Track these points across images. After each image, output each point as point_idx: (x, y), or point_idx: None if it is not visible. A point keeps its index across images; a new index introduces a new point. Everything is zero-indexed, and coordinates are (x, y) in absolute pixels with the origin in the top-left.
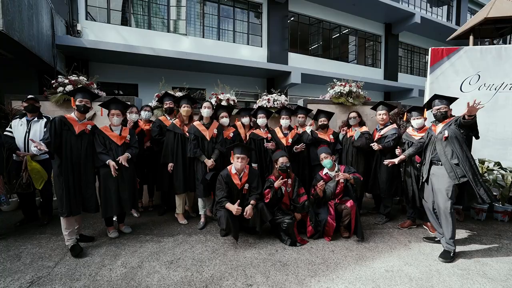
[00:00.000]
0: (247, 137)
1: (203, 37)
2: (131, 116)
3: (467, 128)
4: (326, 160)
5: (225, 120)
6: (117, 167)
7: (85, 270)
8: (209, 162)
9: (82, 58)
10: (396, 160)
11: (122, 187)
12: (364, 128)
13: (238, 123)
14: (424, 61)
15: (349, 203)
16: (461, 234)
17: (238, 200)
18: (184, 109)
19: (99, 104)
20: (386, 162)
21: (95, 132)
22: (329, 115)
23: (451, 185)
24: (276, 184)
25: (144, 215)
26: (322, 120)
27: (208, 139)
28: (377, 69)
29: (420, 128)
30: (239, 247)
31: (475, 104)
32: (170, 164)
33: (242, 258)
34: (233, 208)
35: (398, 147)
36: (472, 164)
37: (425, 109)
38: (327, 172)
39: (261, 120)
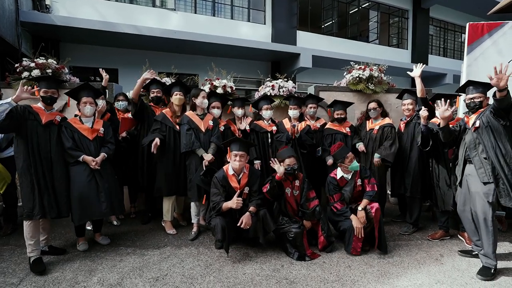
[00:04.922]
0: (240, 134)
1: (195, 12)
2: (98, 102)
3: (504, 113)
4: (354, 164)
5: (216, 111)
6: (97, 162)
7: None
8: (209, 156)
9: (51, 38)
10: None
11: (102, 183)
12: (387, 120)
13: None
14: (460, 41)
15: (373, 207)
16: (503, 246)
17: (238, 190)
18: (176, 97)
19: (65, 92)
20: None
21: (62, 125)
22: (346, 106)
23: (492, 187)
24: (279, 173)
25: (125, 223)
26: (339, 113)
27: (203, 131)
28: (403, 51)
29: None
30: (238, 262)
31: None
32: (156, 141)
33: (241, 275)
34: (232, 202)
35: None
36: (509, 162)
37: (458, 97)
38: (342, 176)
39: (267, 112)
